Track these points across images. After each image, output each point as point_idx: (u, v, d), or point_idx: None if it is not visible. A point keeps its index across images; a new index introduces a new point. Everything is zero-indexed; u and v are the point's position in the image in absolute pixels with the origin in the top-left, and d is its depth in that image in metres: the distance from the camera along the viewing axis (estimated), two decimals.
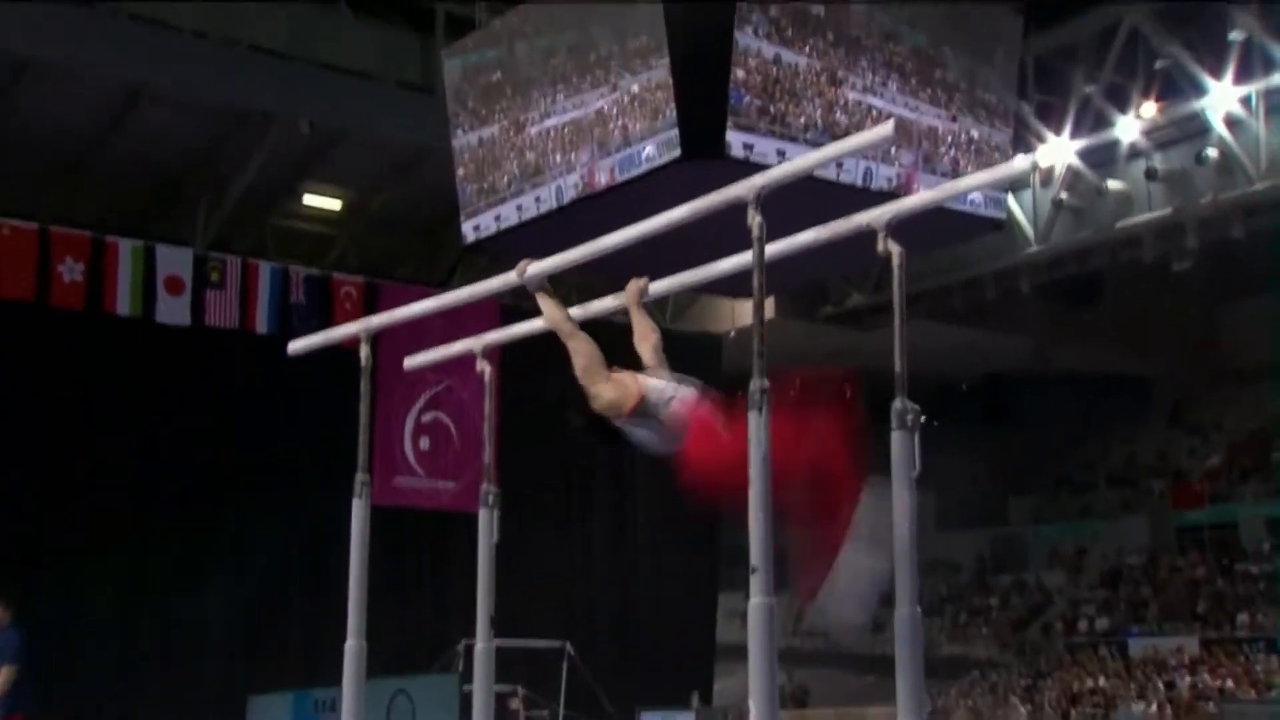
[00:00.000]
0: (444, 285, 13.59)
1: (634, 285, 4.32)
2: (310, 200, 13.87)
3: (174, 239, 12.51)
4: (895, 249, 3.65)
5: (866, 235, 3.76)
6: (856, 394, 3.82)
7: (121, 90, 11.68)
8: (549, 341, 5.35)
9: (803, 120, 9.21)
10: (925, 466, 3.63)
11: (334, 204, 14.04)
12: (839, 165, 8.87)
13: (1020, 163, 3.84)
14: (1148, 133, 13.13)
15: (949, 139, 9.98)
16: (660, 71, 8.84)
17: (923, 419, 3.69)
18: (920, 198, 3.90)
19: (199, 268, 12.27)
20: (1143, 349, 20.10)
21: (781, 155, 8.74)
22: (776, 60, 9.05)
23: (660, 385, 4.05)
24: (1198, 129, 12.80)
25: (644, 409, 4.00)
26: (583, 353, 4.11)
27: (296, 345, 5.05)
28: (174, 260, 12.18)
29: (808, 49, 9.23)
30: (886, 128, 3.45)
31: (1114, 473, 21.75)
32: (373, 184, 13.63)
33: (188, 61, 11.60)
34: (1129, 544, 19.74)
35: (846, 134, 8.66)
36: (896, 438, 3.56)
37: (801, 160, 3.83)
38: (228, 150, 12.47)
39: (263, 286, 12.58)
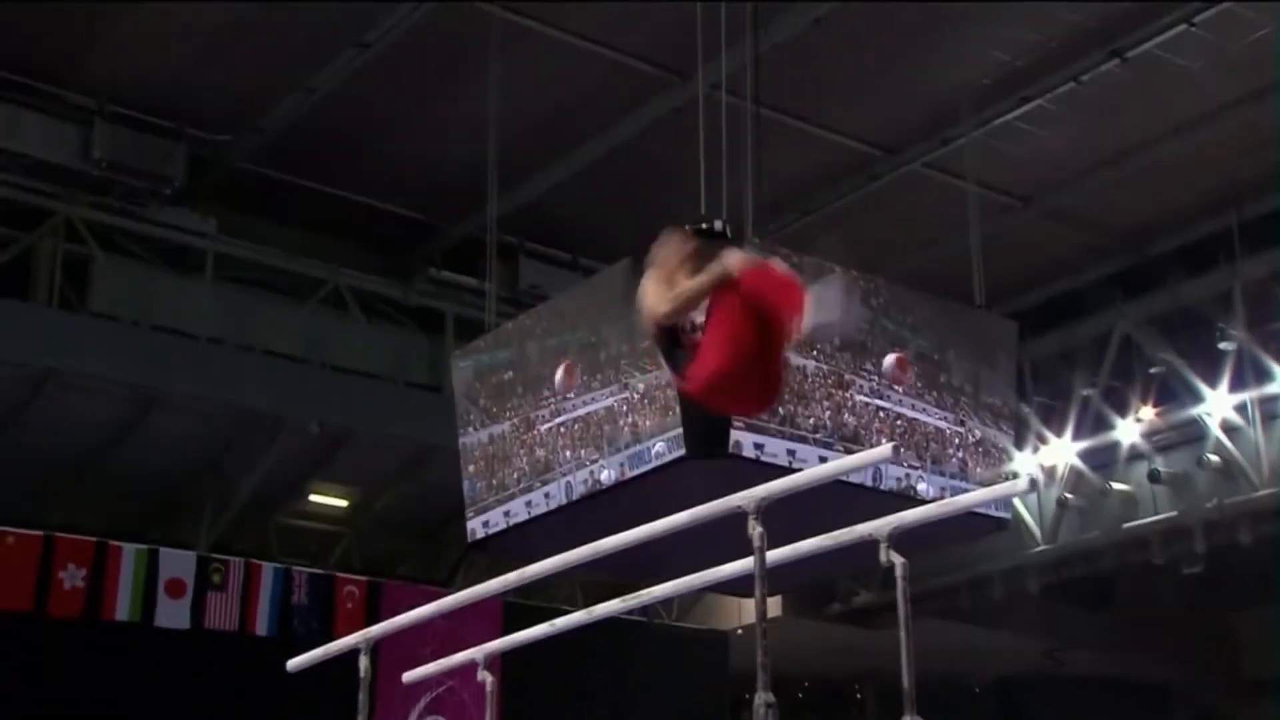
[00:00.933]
0: (447, 584, 13.49)
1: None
2: (316, 500, 13.94)
3: (178, 542, 12.51)
4: (898, 560, 3.66)
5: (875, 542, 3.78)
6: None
7: (135, 399, 11.93)
8: (551, 642, 5.28)
9: (812, 421, 9.32)
10: None
11: (340, 502, 14.11)
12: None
13: (1020, 483, 3.90)
14: (1148, 436, 13.28)
15: (955, 440, 10.08)
16: (668, 371, 8.96)
17: None
18: (921, 511, 3.94)
19: (201, 570, 12.19)
20: (1159, 655, 19.69)
21: (792, 455, 8.82)
22: (785, 364, 9.22)
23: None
24: (1197, 434, 12.95)
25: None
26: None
27: (295, 662, 5.01)
28: (177, 563, 12.11)
29: (815, 352, 9.45)
30: (885, 450, 3.53)
31: None
32: (379, 483, 13.72)
33: (202, 368, 11.89)
34: None
35: (855, 435, 8.78)
36: None
37: (802, 475, 3.89)
38: (236, 452, 12.62)
39: (265, 587, 12.47)
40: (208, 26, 10.65)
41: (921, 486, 9.44)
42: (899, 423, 10.02)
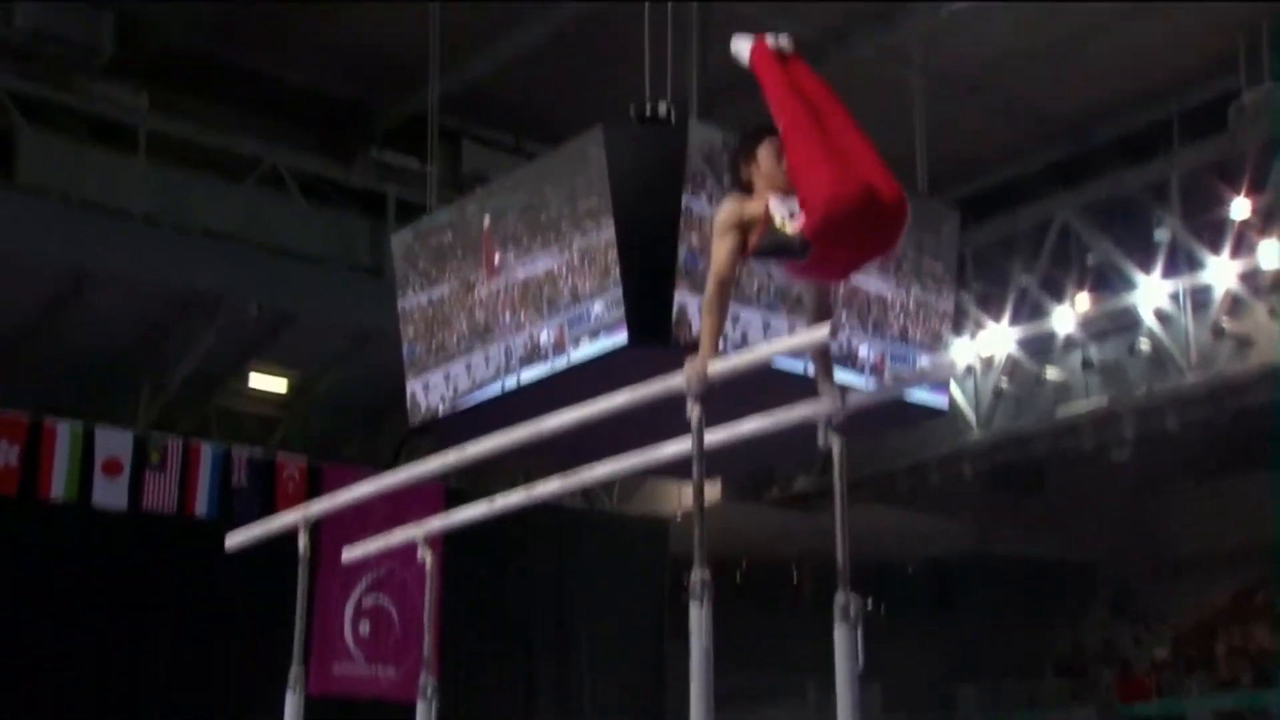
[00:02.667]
0: (389, 468, 13.53)
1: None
2: (256, 382, 13.86)
3: (114, 421, 12.42)
4: (836, 443, 3.71)
5: (811, 422, 3.81)
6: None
7: (68, 275, 11.73)
8: (494, 528, 5.33)
9: (756, 285, 9.32)
10: (872, 655, 3.61)
11: (280, 385, 14.04)
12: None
13: (956, 366, 3.96)
14: (1083, 324, 13.47)
15: (897, 305, 10.14)
16: (608, 231, 8.91)
17: (868, 606, 3.69)
18: (860, 397, 3.98)
19: (139, 449, 12.13)
20: (1085, 536, 20.21)
21: (734, 320, 8.81)
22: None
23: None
24: (1130, 322, 13.16)
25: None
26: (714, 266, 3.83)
27: (234, 540, 5.02)
28: (114, 442, 12.04)
29: None
30: (823, 331, 3.53)
31: (1061, 662, 21.62)
32: (319, 366, 13.65)
33: (137, 246, 11.69)
34: None
35: (799, 300, 8.82)
36: (839, 632, 3.55)
37: (741, 358, 3.91)
38: (174, 332, 12.49)
39: (204, 469, 12.45)
40: None
41: (862, 351, 9.52)
42: (840, 289, 10.06)
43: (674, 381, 3.71)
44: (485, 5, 11.42)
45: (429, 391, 10.30)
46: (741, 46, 4.19)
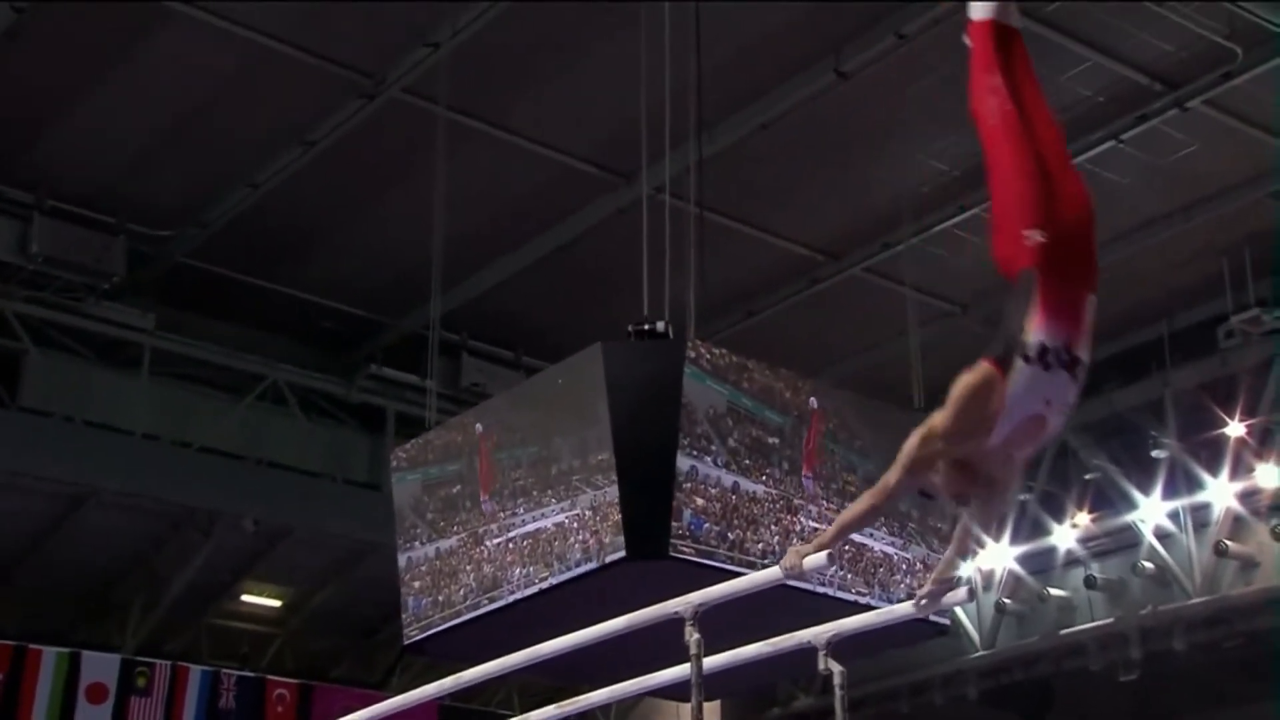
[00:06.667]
0: (382, 686, 13.24)
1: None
2: (249, 598, 13.69)
3: (104, 643, 12.20)
4: (836, 668, 3.64)
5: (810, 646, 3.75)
6: None
7: (65, 496, 11.71)
8: None
9: (760, 546, 9.30)
10: None
11: (273, 602, 13.86)
12: None
13: (959, 593, 3.89)
14: (1084, 541, 13.38)
15: (903, 566, 10.11)
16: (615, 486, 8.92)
17: None
18: (860, 619, 3.93)
19: (125, 673, 11.86)
20: None
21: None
22: (735, 489, 9.23)
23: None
24: (1132, 540, 13.07)
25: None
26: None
27: None
28: (99, 666, 11.79)
29: (764, 478, 9.44)
30: (820, 558, 3.49)
31: None
32: (314, 581, 13.51)
33: (135, 463, 11.70)
34: None
35: None
36: None
37: (740, 582, 3.87)
38: (168, 549, 12.40)
39: (191, 691, 12.17)
40: (150, 123, 10.64)
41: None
42: (847, 549, 10.04)
43: (672, 607, 3.67)
44: (488, 223, 11.69)
45: (432, 638, 10.14)
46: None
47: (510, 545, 9.58)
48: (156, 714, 11.93)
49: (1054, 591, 13.66)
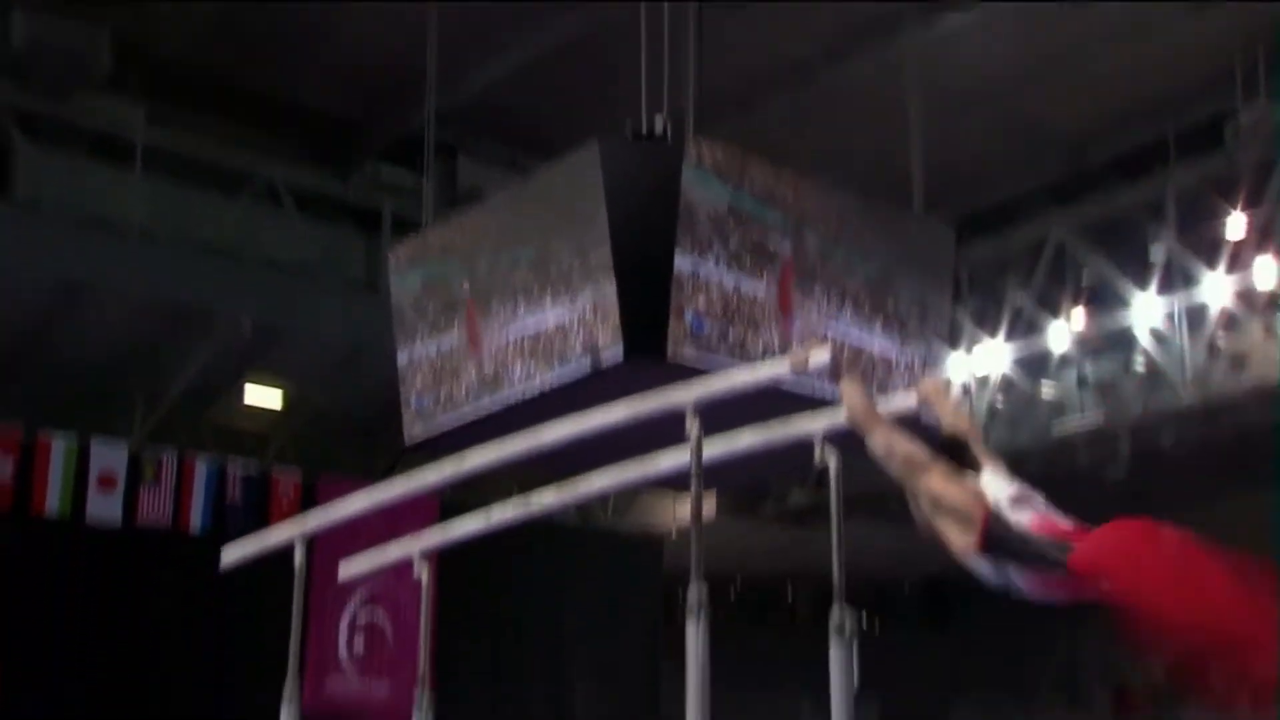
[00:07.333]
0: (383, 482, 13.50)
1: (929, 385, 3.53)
2: (250, 397, 13.83)
3: (109, 436, 12.38)
4: (832, 459, 3.69)
5: (807, 439, 3.80)
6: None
7: (63, 289, 11.72)
8: (489, 544, 5.31)
9: (761, 346, 9.36)
10: (867, 672, 3.59)
11: (274, 400, 14.00)
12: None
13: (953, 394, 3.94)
14: (1078, 342, 13.48)
15: (901, 365, 10.18)
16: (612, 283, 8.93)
17: (863, 624, 3.66)
18: None
19: (133, 464, 12.10)
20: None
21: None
22: (736, 289, 9.25)
23: (1001, 484, 3.05)
24: (1126, 340, 13.17)
25: (997, 531, 2.93)
26: (899, 449, 3.13)
27: (229, 556, 4.97)
28: (108, 456, 12.00)
29: (766, 278, 9.45)
30: (823, 354, 3.50)
31: (1057, 680, 21.57)
32: (313, 380, 13.63)
33: (131, 259, 11.68)
34: None
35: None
36: (835, 649, 3.53)
37: (741, 377, 3.89)
38: (168, 347, 12.47)
39: (198, 483, 12.41)
40: None
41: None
42: (845, 350, 10.10)
43: (674, 398, 3.70)
44: (484, 20, 11.43)
45: (437, 434, 10.26)
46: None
47: (511, 345, 9.65)
48: (166, 504, 12.19)
49: (1046, 391, 13.83)
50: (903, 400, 3.89)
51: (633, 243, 8.96)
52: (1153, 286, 12.75)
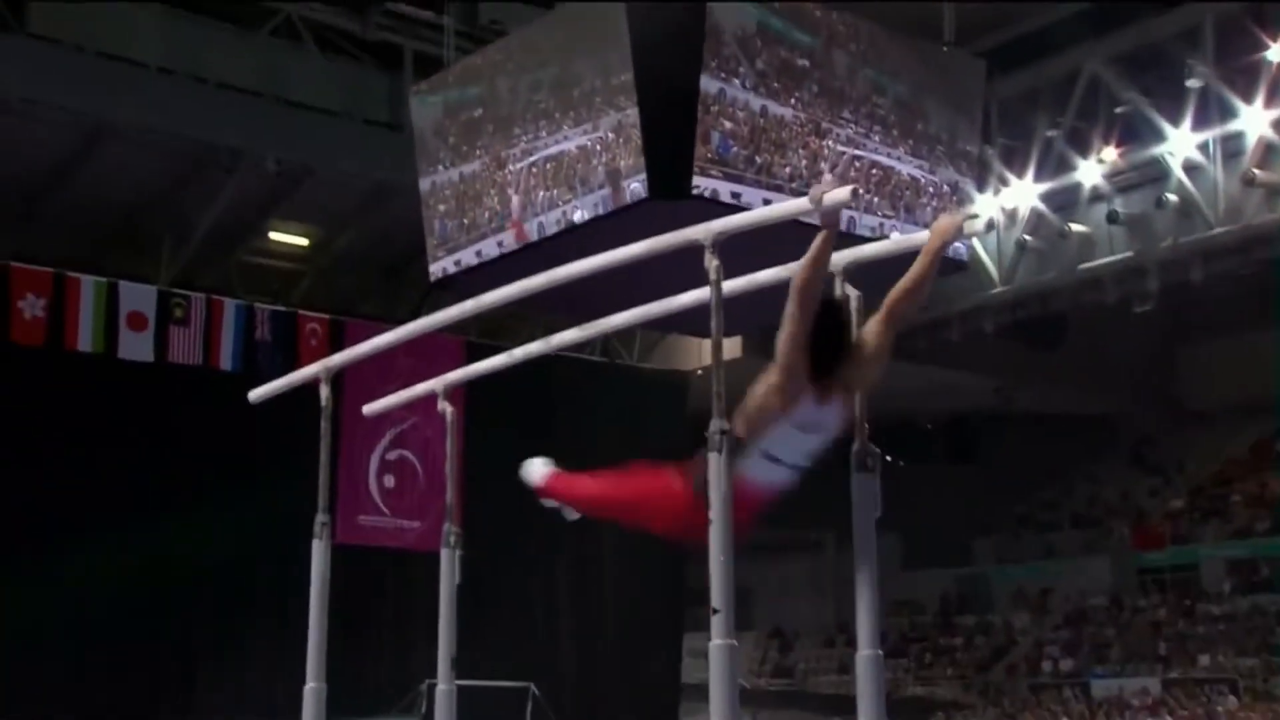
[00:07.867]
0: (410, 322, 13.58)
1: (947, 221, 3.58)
2: (276, 237, 13.84)
3: (137, 276, 12.44)
4: (852, 293, 3.68)
5: (832, 275, 3.77)
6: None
7: (86, 126, 11.64)
8: (514, 377, 5.33)
9: (788, 170, 9.27)
10: (891, 506, 3.63)
11: (300, 241, 14.02)
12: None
13: (977, 225, 3.88)
14: (1109, 177, 13.29)
15: (930, 189, 10.07)
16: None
17: (887, 459, 3.69)
18: (876, 246, 3.93)
19: (162, 304, 12.18)
20: (1105, 390, 20.22)
21: (766, 204, 8.79)
22: (763, 112, 9.14)
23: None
24: (1158, 174, 12.97)
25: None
26: (790, 309, 3.56)
27: (257, 394, 5.01)
28: (137, 297, 12.09)
29: (793, 101, 9.31)
30: (844, 192, 3.44)
31: (1077, 513, 21.84)
32: (339, 221, 13.62)
33: (154, 98, 11.57)
34: (1092, 585, 19.80)
35: None
36: (857, 480, 3.57)
37: (760, 212, 3.86)
38: (193, 187, 12.44)
39: (227, 323, 12.51)
40: None
41: (895, 236, 9.47)
42: (875, 171, 9.97)
43: (692, 234, 3.67)
44: None
45: (460, 266, 10.24)
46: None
47: (533, 169, 9.58)
48: (195, 343, 12.31)
49: (1075, 227, 13.69)
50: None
51: (657, 64, 8.82)
52: (1187, 119, 12.48)
